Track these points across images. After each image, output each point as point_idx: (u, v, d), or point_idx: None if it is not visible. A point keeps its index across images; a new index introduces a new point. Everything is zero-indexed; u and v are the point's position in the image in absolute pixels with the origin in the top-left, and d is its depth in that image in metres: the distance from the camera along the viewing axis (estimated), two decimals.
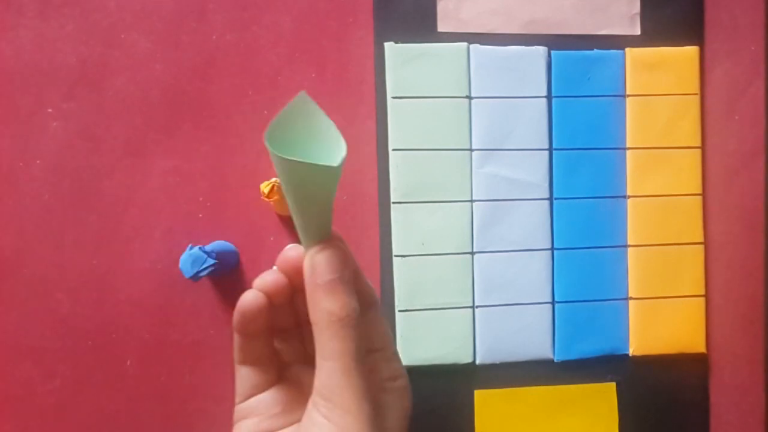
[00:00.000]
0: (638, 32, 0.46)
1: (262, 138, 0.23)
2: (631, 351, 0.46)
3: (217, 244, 0.42)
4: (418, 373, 0.44)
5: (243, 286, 0.44)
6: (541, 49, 0.45)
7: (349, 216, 0.44)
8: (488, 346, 0.44)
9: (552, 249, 0.45)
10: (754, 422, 0.47)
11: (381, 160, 0.44)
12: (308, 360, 0.27)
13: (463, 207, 0.44)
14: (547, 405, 0.45)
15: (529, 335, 0.45)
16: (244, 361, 0.27)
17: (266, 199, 0.40)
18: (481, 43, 0.45)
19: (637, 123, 0.46)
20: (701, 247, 0.46)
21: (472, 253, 0.45)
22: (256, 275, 0.43)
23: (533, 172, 0.45)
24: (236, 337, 0.27)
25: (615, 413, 0.46)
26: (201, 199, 0.43)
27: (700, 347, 0.46)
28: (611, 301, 0.46)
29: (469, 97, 0.45)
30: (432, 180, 0.44)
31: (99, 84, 0.43)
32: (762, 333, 0.47)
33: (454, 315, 0.44)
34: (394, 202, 0.44)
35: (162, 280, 0.43)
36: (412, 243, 0.44)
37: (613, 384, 0.46)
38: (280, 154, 0.22)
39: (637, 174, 0.46)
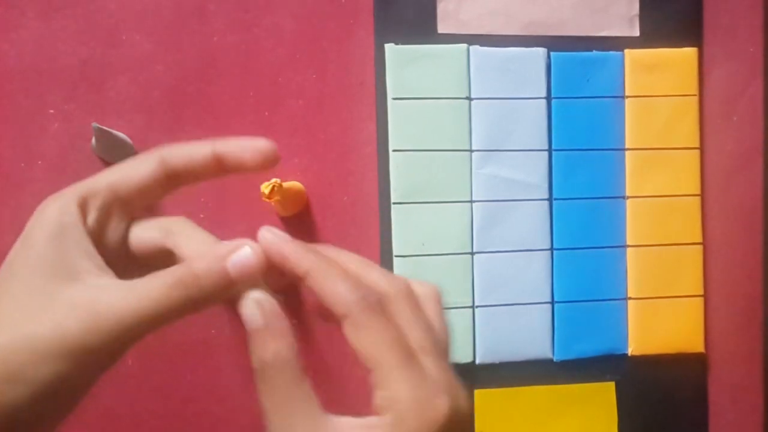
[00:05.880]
0: (637, 33, 0.46)
1: (262, 139, 0.24)
2: (630, 350, 0.46)
3: None
4: None
5: None
6: (541, 51, 0.45)
7: (349, 216, 0.45)
8: (488, 345, 0.45)
9: (551, 249, 0.45)
10: (752, 421, 0.47)
11: (381, 161, 0.44)
12: None
13: (463, 207, 0.45)
14: (547, 404, 0.45)
15: (529, 335, 0.45)
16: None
17: (267, 200, 0.40)
18: (481, 45, 0.45)
19: (636, 124, 0.46)
20: (700, 247, 0.46)
21: (472, 254, 0.45)
22: None
23: (533, 172, 0.45)
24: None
25: (614, 412, 0.46)
26: (202, 199, 0.43)
27: (699, 347, 0.46)
28: (610, 301, 0.46)
29: (469, 98, 0.45)
30: (432, 181, 0.44)
31: (100, 85, 0.43)
32: (760, 332, 0.47)
33: (453, 315, 0.44)
34: (394, 203, 0.44)
35: None
36: (413, 243, 0.44)
37: (613, 383, 0.46)
38: None
39: (636, 175, 0.46)
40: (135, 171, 0.25)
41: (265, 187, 0.40)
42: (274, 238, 0.24)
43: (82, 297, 0.22)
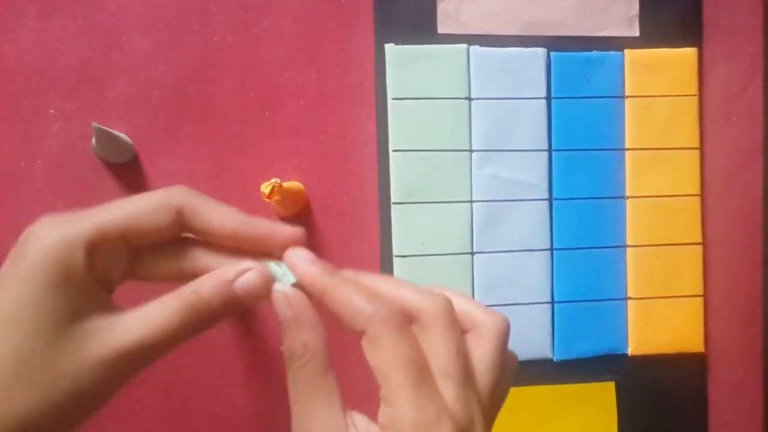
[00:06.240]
0: (637, 34, 0.46)
1: (262, 139, 0.23)
2: (630, 350, 0.46)
3: None
4: None
5: None
6: (541, 51, 0.45)
7: (349, 216, 0.45)
8: None
9: (551, 249, 0.45)
10: (751, 420, 0.47)
11: (381, 161, 0.44)
12: None
13: (463, 207, 0.45)
14: (547, 404, 0.45)
15: (529, 335, 0.45)
16: None
17: (267, 200, 0.40)
18: (481, 45, 0.45)
19: (635, 124, 0.46)
20: (699, 247, 0.47)
21: (472, 254, 0.45)
22: None
23: (533, 172, 0.45)
24: None
25: (614, 412, 0.46)
26: None
27: (699, 347, 0.46)
28: (610, 301, 0.46)
29: (469, 99, 0.45)
30: (432, 181, 0.44)
31: (100, 85, 0.43)
32: (759, 332, 0.47)
33: None
34: (394, 203, 0.44)
35: None
36: (413, 243, 0.44)
37: (612, 383, 0.46)
38: None
39: (636, 175, 0.46)
40: (149, 219, 0.24)
41: (265, 187, 0.40)
42: (294, 260, 0.24)
43: (91, 346, 0.22)
